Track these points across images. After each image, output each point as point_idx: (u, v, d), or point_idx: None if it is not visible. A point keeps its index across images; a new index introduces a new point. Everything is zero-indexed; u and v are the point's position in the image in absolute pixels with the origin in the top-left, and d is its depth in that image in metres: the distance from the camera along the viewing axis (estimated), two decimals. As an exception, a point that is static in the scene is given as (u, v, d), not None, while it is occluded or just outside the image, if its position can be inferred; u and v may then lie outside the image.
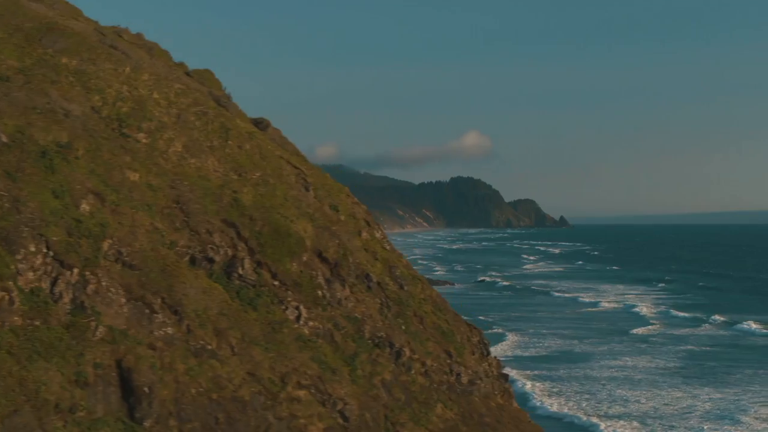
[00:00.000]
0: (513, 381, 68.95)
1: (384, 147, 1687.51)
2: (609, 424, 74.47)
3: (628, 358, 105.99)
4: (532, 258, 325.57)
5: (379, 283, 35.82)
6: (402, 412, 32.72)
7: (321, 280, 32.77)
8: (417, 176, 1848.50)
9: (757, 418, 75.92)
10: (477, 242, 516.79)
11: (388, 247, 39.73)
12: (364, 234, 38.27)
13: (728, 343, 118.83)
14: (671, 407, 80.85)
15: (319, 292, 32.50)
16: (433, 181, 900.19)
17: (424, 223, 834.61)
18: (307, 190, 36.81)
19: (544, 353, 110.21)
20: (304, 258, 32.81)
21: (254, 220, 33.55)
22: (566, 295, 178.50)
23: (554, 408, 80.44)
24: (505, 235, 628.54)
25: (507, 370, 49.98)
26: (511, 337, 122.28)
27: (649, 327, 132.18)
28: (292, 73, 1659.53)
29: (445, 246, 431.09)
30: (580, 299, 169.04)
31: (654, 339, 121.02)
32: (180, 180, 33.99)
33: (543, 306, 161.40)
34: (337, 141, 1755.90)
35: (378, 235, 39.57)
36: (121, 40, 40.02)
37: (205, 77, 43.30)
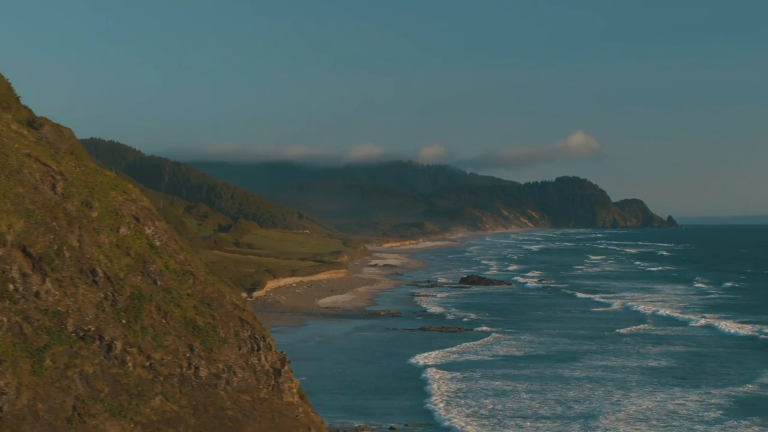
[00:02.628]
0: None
1: (490, 147, 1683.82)
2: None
3: (604, 358, 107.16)
4: (595, 258, 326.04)
5: (109, 278, 36.56)
6: (98, 403, 33.36)
7: (15, 274, 33.61)
8: (522, 176, 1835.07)
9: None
10: (563, 242, 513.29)
11: (158, 243, 40.39)
12: (123, 230, 38.98)
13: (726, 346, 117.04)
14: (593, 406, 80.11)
15: (11, 286, 33.34)
16: (539, 181, 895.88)
17: (529, 224, 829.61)
18: (53, 188, 37.73)
19: (511, 353, 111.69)
20: (0, 253, 33.77)
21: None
22: (589, 296, 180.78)
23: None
24: (599, 235, 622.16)
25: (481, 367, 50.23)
26: (494, 336, 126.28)
27: (638, 327, 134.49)
28: (397, 75, 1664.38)
29: (530, 247, 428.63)
30: (595, 300, 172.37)
31: (632, 339, 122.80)
32: None
33: (554, 306, 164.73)
34: (444, 141, 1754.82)
35: (149, 231, 40.28)
36: None
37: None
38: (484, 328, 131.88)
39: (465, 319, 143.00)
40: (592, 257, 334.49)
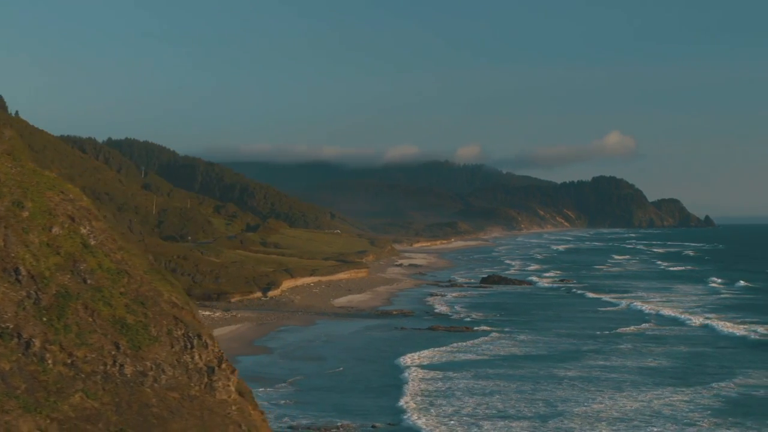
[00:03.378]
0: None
1: (526, 147, 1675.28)
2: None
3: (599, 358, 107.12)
4: (618, 258, 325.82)
5: (33, 276, 37.30)
6: (12, 400, 34.03)
7: (-72, 272, 34.41)
8: (559, 176, 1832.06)
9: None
10: (593, 242, 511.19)
11: (94, 243, 41.06)
12: (56, 230, 39.73)
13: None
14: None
15: (-72, 284, 34.16)
16: (575, 180, 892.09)
17: (565, 223, 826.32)
18: (-16, 187, 38.54)
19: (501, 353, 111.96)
20: None
21: None
22: (598, 296, 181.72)
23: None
24: (632, 235, 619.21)
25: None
26: (498, 335, 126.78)
27: (638, 327, 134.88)
28: (434, 75, 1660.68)
29: (558, 247, 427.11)
30: (604, 299, 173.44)
31: (630, 339, 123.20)
32: None
33: (563, 306, 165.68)
34: (480, 141, 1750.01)
35: (84, 231, 40.98)
36: None
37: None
38: (488, 328, 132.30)
39: (474, 319, 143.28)
40: (616, 257, 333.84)
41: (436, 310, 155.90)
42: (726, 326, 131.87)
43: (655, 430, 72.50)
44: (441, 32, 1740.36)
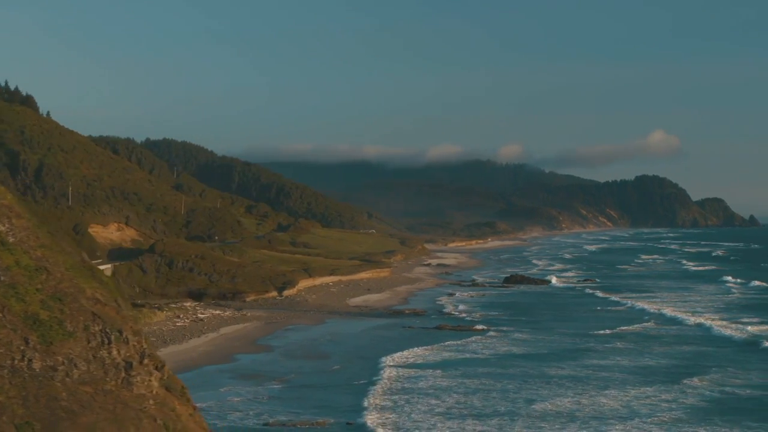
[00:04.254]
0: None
1: (569, 146, 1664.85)
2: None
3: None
4: (645, 258, 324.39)
5: (-61, 274, 38.18)
6: None
7: None
8: (601, 175, 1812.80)
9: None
10: (628, 241, 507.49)
11: (12, 240, 41.92)
12: (-26, 229, 40.63)
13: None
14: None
15: None
16: (618, 179, 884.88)
17: (608, 223, 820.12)
18: None
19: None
20: None
21: None
22: (607, 296, 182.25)
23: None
24: (671, 235, 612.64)
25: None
26: (501, 334, 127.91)
27: (638, 326, 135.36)
28: (474, 75, 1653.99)
29: (590, 247, 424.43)
30: (612, 299, 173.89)
31: (627, 338, 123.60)
32: None
33: (573, 306, 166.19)
34: (522, 140, 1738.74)
35: (3, 228, 41.87)
36: None
37: None
38: (494, 327, 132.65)
39: (483, 319, 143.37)
40: (644, 257, 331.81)
41: (446, 310, 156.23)
42: (721, 326, 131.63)
43: (618, 428, 72.28)
44: (483, 31, 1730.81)
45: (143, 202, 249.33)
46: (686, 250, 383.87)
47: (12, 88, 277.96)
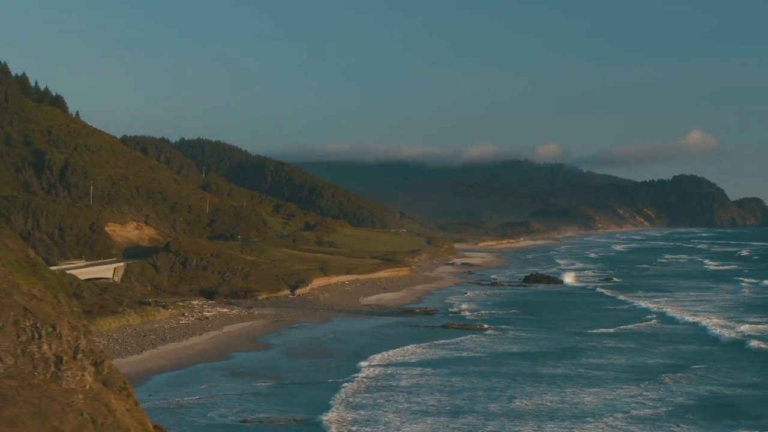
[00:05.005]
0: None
1: (606, 145, 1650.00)
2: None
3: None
4: (668, 258, 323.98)
5: None
6: None
7: None
8: (639, 174, 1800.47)
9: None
10: (658, 241, 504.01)
11: (-54, 237, 42.65)
12: None
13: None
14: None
15: None
16: (656, 179, 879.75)
17: (645, 223, 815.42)
18: None
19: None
20: None
21: None
22: (614, 294, 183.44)
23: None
24: (704, 234, 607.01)
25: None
26: (503, 333, 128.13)
27: (638, 326, 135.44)
28: (512, 75, 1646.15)
29: (618, 247, 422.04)
30: (618, 298, 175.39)
31: (623, 338, 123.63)
32: None
33: (581, 305, 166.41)
34: (560, 140, 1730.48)
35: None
36: None
37: None
38: (498, 326, 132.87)
39: (490, 317, 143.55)
40: (667, 256, 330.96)
41: (456, 309, 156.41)
42: (715, 326, 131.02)
43: (590, 425, 72.26)
44: (520, 31, 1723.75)
45: (168, 201, 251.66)
46: (713, 249, 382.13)
47: (47, 88, 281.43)
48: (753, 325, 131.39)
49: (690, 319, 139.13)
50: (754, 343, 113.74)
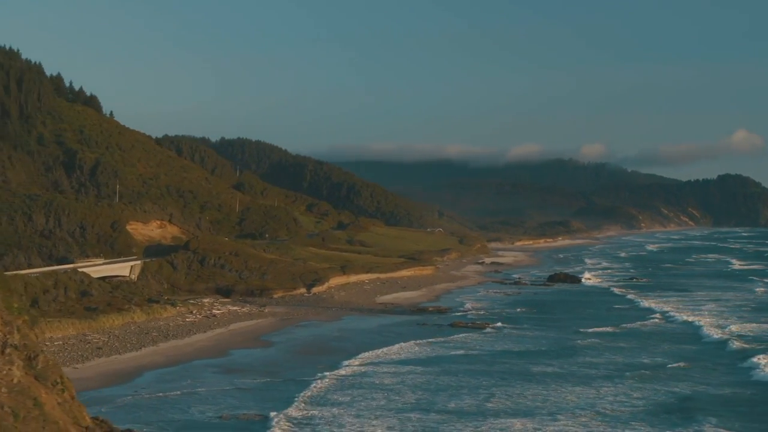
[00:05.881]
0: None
1: (651, 144, 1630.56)
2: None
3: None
4: (696, 257, 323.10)
5: None
6: None
7: None
8: (684, 174, 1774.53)
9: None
10: (695, 241, 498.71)
11: None
12: None
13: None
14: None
15: None
16: (700, 179, 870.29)
17: (690, 222, 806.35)
18: None
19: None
20: None
21: None
22: (623, 293, 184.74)
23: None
24: (743, 234, 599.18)
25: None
26: (506, 332, 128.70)
27: (636, 325, 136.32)
28: (557, 74, 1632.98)
29: (651, 246, 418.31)
30: (627, 297, 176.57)
31: (621, 337, 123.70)
32: None
33: (593, 304, 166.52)
34: (604, 139, 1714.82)
35: None
36: None
37: None
38: (504, 325, 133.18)
39: (501, 316, 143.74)
40: (695, 256, 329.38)
41: (468, 307, 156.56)
42: (707, 325, 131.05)
43: (561, 423, 72.25)
44: (565, 30, 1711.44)
45: (198, 200, 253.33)
46: (746, 249, 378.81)
47: (82, 88, 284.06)
48: (747, 325, 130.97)
49: (689, 319, 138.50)
50: (736, 344, 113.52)
